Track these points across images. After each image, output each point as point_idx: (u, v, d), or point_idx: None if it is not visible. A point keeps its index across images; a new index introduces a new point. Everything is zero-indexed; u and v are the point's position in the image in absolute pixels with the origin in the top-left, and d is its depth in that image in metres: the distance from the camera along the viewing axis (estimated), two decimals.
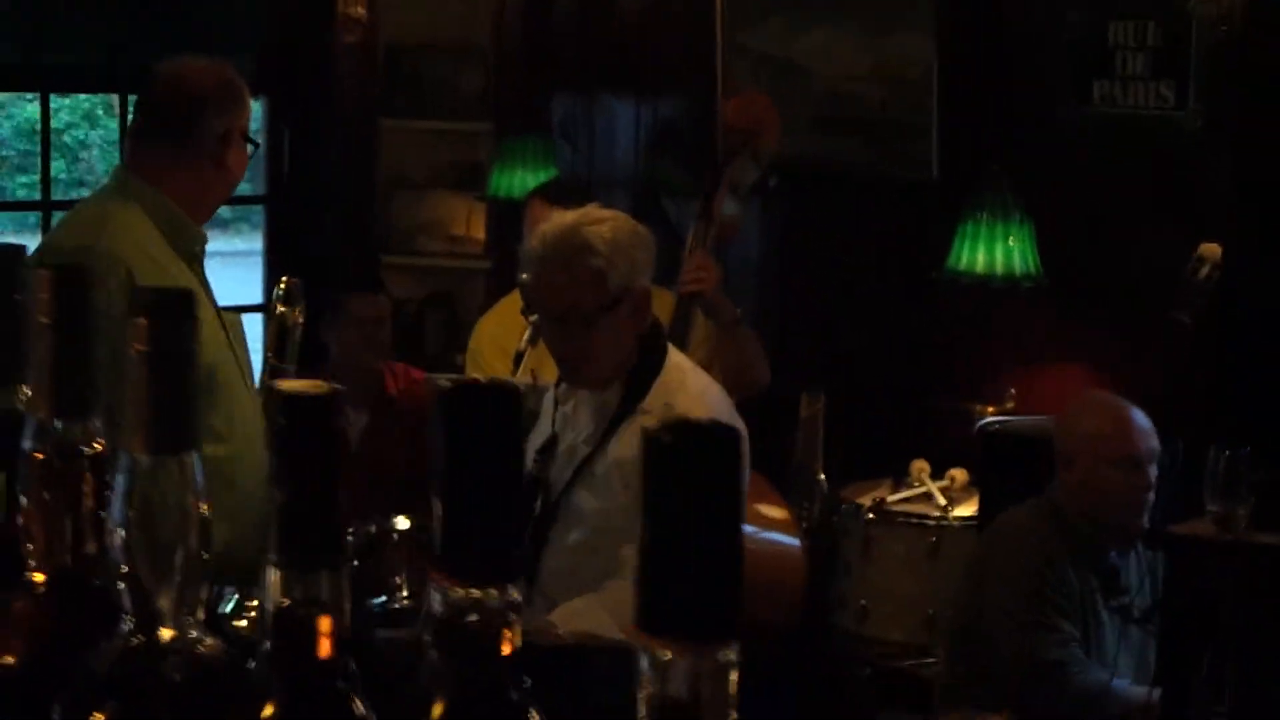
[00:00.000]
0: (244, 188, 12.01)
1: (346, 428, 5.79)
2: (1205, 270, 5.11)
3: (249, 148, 3.88)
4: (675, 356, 4.01)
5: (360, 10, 7.27)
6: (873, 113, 6.27)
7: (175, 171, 3.76)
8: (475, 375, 5.17)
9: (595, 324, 3.76)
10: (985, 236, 5.55)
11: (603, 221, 3.86)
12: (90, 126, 16.04)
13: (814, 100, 6.38)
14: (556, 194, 5.39)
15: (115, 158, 11.51)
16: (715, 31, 6.66)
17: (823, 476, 5.39)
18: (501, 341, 5.16)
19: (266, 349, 4.54)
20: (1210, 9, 5.48)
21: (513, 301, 5.22)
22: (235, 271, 8.04)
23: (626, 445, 3.74)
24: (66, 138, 15.74)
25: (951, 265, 5.63)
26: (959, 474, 5.75)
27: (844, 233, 6.36)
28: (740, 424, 3.85)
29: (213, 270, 7.10)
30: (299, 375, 4.43)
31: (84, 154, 16.17)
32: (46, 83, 6.77)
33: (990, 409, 5.72)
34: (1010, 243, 5.54)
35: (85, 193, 6.02)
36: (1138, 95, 5.63)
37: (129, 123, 3.89)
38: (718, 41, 6.67)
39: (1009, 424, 5.46)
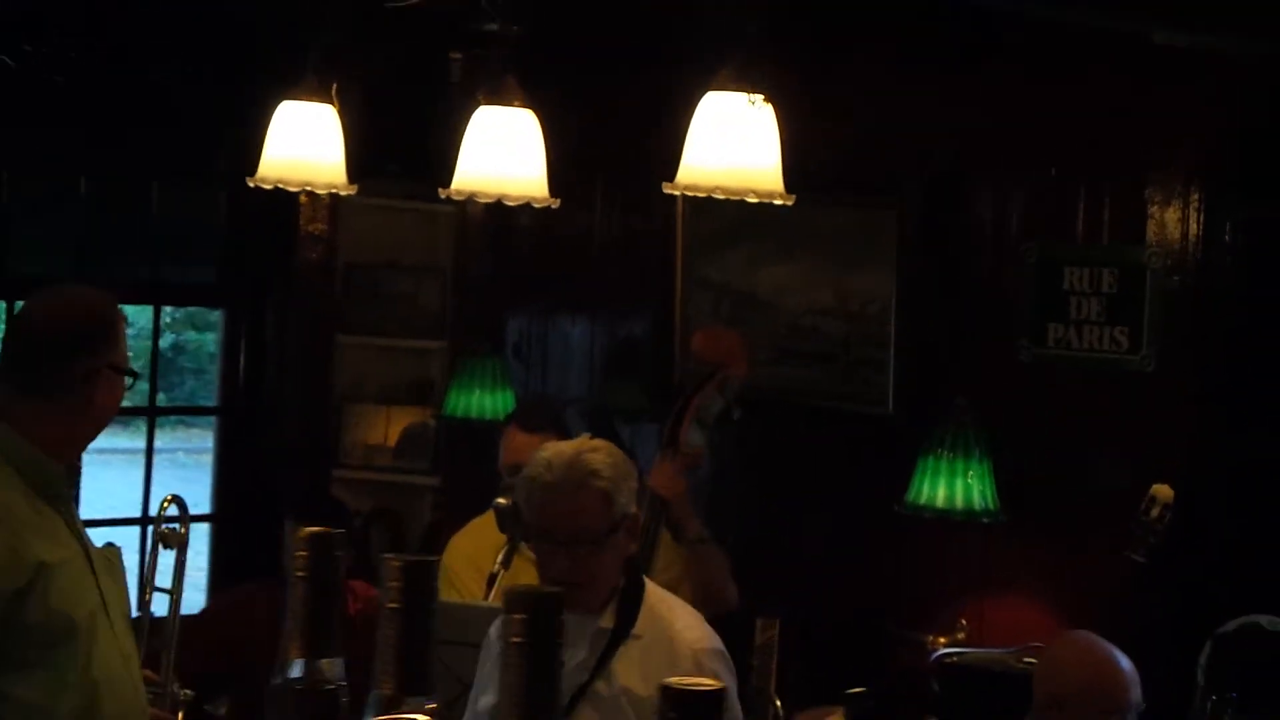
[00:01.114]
0: (199, 398, 11.99)
1: None
2: (1157, 510, 5.27)
3: (126, 379, 3.82)
4: (650, 582, 4.15)
5: (321, 226, 7.41)
6: (833, 346, 6.43)
7: (37, 413, 3.72)
8: (449, 592, 5.23)
9: (601, 547, 3.89)
10: (945, 471, 5.69)
11: (599, 450, 4.02)
12: None
13: (775, 332, 6.55)
14: (531, 421, 5.52)
15: None
16: (675, 260, 6.83)
17: (778, 702, 5.46)
18: (476, 561, 5.22)
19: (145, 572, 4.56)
20: (1164, 260, 5.70)
21: (485, 522, 5.31)
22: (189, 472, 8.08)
23: (630, 675, 3.87)
24: None
25: (912, 499, 5.76)
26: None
27: (802, 461, 6.49)
28: (722, 646, 4.02)
29: (165, 469, 7.10)
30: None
31: None
32: (10, 291, 6.83)
33: (942, 639, 5.82)
34: (969, 479, 5.69)
35: None
36: (1092, 339, 5.81)
37: None
38: (677, 270, 6.83)
39: (967, 655, 5.56)
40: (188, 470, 11.34)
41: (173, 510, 4.61)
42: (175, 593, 4.53)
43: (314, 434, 7.41)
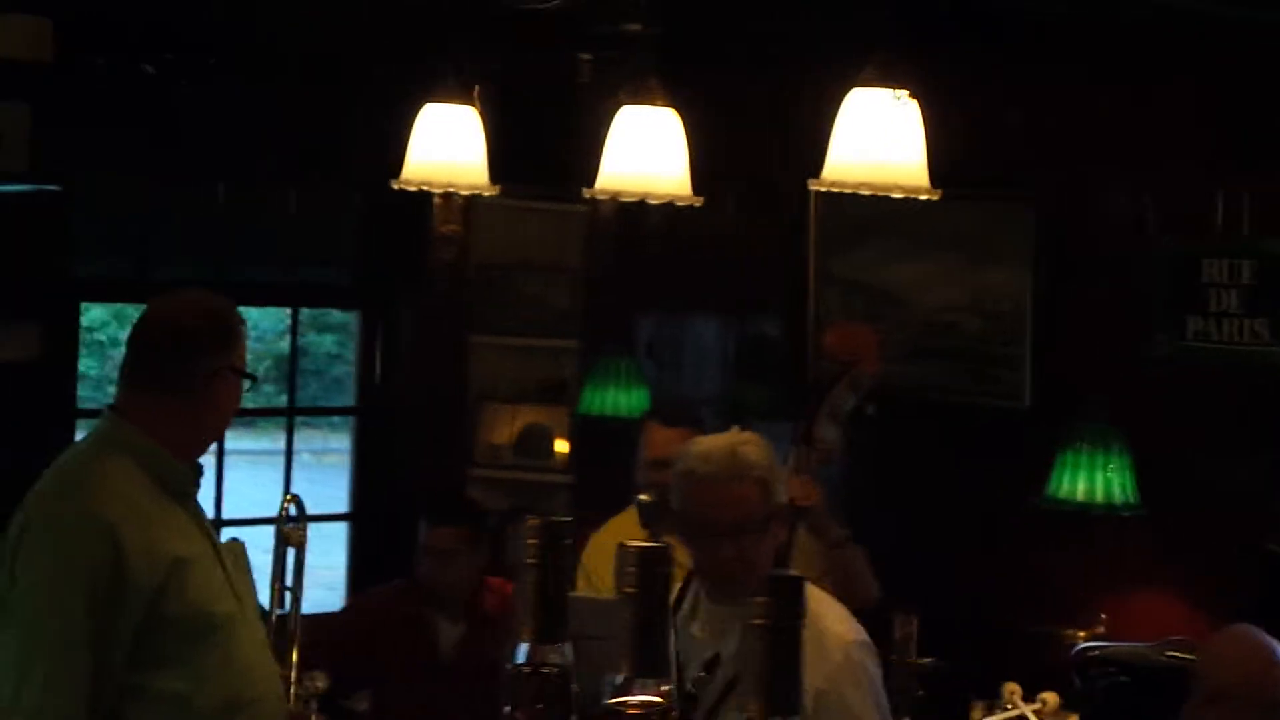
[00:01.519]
0: (321, 399, 12.26)
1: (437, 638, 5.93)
2: None
3: (245, 382, 3.88)
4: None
5: (454, 228, 7.48)
6: (968, 342, 6.43)
7: (163, 413, 3.78)
8: (585, 588, 5.28)
9: (761, 536, 3.95)
10: (1085, 465, 5.68)
11: (749, 442, 4.07)
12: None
13: (910, 329, 6.56)
14: (670, 417, 5.57)
15: None
16: (807, 257, 6.84)
17: (921, 693, 5.47)
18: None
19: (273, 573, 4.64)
20: None
21: (624, 519, 5.36)
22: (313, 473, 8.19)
23: None
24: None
25: (1051, 492, 5.76)
26: (1050, 697, 5.80)
27: (938, 457, 6.49)
28: (869, 639, 4.05)
29: (302, 470, 7.23)
30: None
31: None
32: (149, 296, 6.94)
33: (1082, 634, 5.81)
34: (1109, 472, 5.67)
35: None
36: (1231, 331, 5.77)
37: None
38: (810, 266, 6.84)
39: (1108, 649, 5.55)
40: (312, 471, 11.46)
41: (292, 510, 4.70)
42: (296, 589, 4.61)
43: (448, 434, 7.48)
